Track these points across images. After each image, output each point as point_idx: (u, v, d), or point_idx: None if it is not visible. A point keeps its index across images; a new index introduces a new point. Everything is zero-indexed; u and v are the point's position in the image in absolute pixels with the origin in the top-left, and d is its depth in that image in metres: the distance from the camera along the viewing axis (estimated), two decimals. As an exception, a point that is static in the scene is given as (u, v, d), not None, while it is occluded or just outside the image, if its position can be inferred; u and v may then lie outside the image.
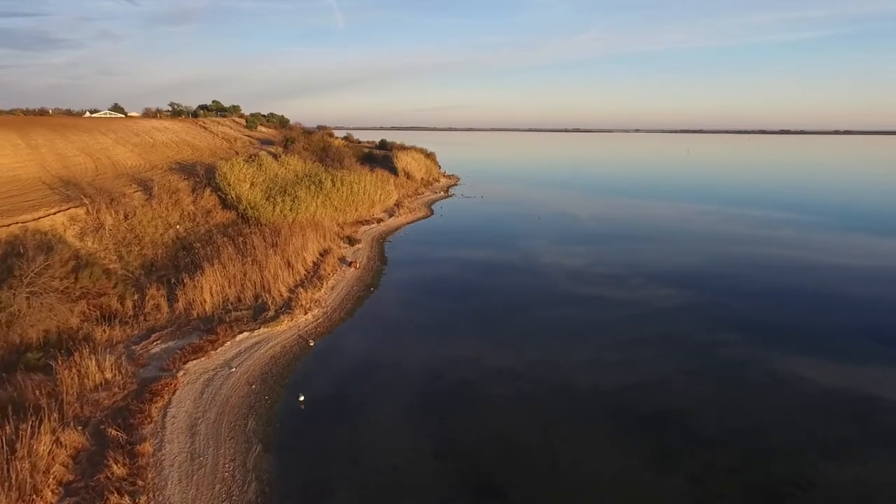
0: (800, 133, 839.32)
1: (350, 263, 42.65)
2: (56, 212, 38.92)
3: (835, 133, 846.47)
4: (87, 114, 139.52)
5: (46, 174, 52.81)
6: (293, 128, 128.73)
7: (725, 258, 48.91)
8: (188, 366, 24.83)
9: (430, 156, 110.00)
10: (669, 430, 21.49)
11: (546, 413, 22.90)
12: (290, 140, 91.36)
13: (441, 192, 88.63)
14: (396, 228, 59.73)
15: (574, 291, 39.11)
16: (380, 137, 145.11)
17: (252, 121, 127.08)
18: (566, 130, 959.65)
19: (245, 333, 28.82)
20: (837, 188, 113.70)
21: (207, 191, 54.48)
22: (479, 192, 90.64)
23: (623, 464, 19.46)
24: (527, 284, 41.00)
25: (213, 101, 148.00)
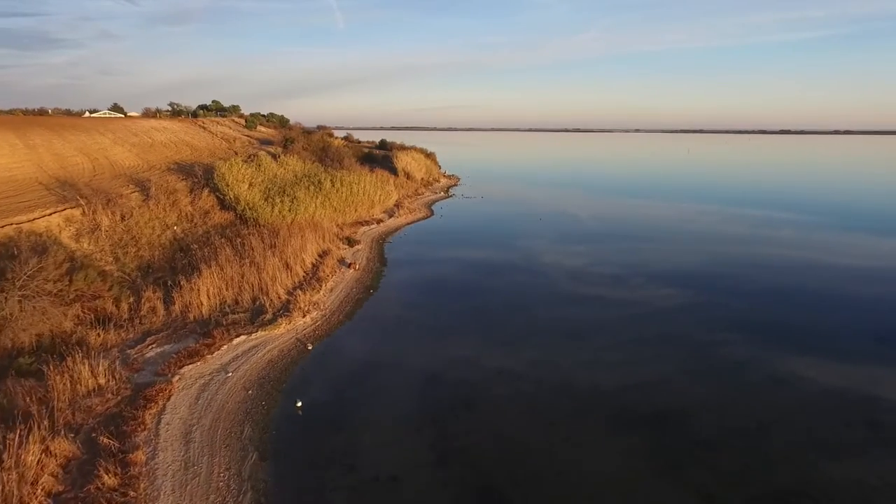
0: (800, 133, 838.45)
1: (349, 265, 42.17)
2: (51, 213, 38.43)
3: (835, 133, 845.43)
4: (87, 114, 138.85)
5: (43, 174, 52.30)
6: (293, 128, 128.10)
7: (725, 258, 48.69)
8: (184, 370, 24.34)
9: (431, 156, 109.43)
10: (670, 431, 21.39)
11: (547, 416, 22.51)
12: (290, 140, 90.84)
13: (441, 193, 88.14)
14: (396, 229, 59.24)
15: (576, 292, 38.65)
16: (380, 137, 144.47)
17: (251, 121, 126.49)
18: (566, 130, 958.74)
19: (242, 337, 28.33)
20: (837, 188, 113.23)
21: (206, 191, 53.99)
22: (480, 193, 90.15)
23: (624, 465, 19.31)
24: (528, 285, 40.50)
25: (213, 101, 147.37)
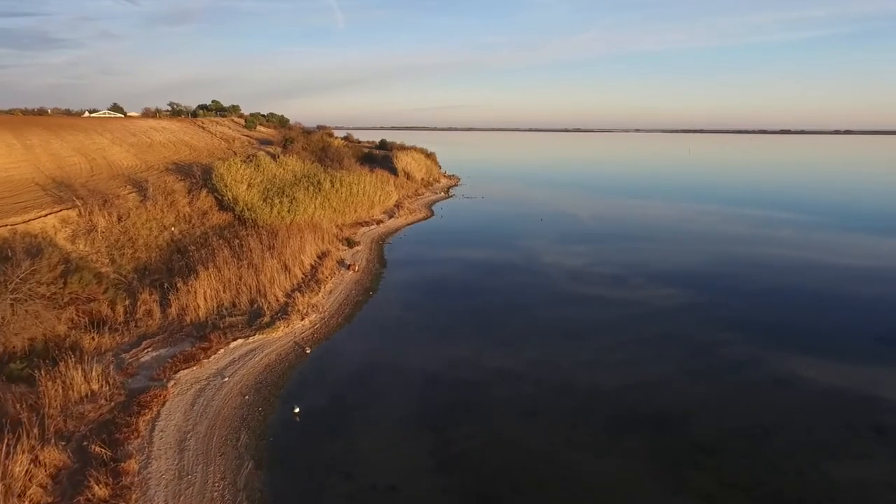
0: (800, 133, 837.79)
1: (349, 266, 41.70)
2: (47, 214, 37.96)
3: (835, 133, 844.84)
4: (87, 114, 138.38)
5: (40, 175, 51.81)
6: (293, 128, 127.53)
7: (725, 258, 48.52)
8: (179, 375, 23.87)
9: (431, 156, 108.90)
10: (670, 431, 21.29)
11: (549, 419, 22.21)
12: (289, 140, 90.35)
13: (441, 193, 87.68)
14: (396, 230, 58.78)
15: (576, 292, 38.23)
16: (380, 137, 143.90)
17: (251, 121, 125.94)
18: (566, 130, 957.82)
19: (239, 340, 27.86)
20: (838, 188, 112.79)
21: (204, 192, 53.51)
22: (480, 193, 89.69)
23: (625, 467, 19.21)
24: (529, 286, 40.04)
25: (213, 101, 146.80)
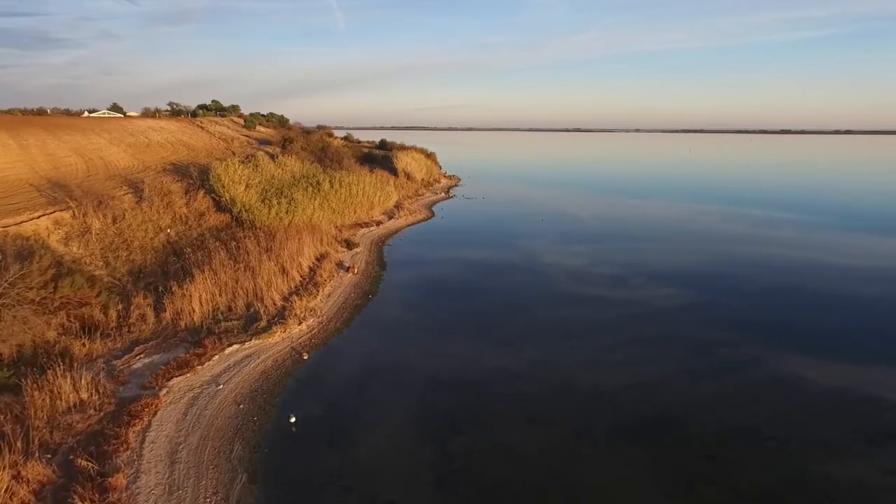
0: (800, 133, 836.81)
1: (348, 268, 40.99)
2: (40, 215, 37.25)
3: (835, 133, 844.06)
4: (86, 113, 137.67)
5: (35, 175, 51.09)
6: (292, 128, 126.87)
7: (725, 258, 48.21)
8: (172, 383, 23.15)
9: (431, 156, 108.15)
10: (670, 431, 21.14)
11: (553, 428, 21.65)
12: (289, 140, 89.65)
13: (442, 193, 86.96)
14: (396, 231, 58.05)
15: (579, 292, 37.52)
16: (380, 137, 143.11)
17: (251, 120, 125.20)
18: (566, 130, 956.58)
19: (235, 346, 27.14)
20: (838, 188, 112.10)
21: (201, 193, 52.80)
22: (481, 193, 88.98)
23: (625, 468, 18.97)
24: (532, 288, 39.29)
25: (213, 101, 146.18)
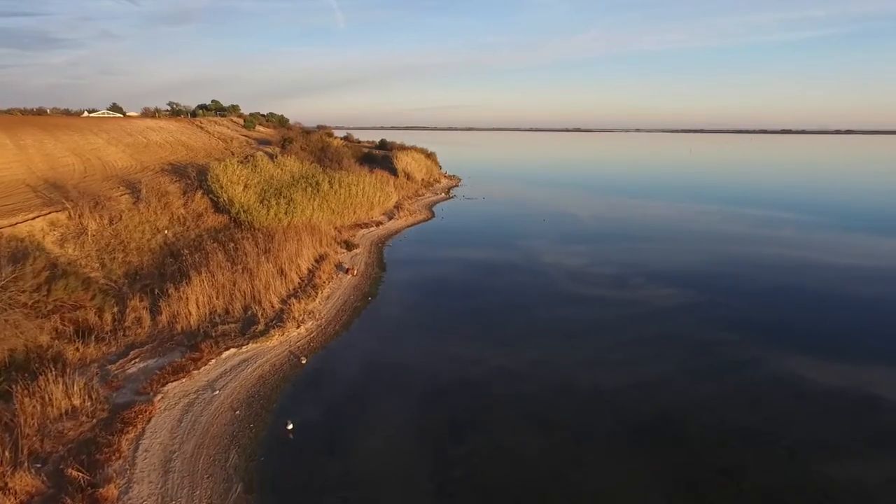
0: (801, 133, 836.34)
1: (347, 270, 40.50)
2: (35, 217, 36.74)
3: (836, 133, 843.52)
4: (86, 113, 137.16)
5: (31, 176, 50.59)
6: (292, 127, 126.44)
7: (725, 258, 47.94)
8: (167, 388, 22.66)
9: (431, 156, 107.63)
10: (670, 431, 20.98)
11: (554, 428, 21.40)
12: (288, 140, 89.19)
13: (442, 194, 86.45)
14: (396, 232, 57.55)
15: (579, 292, 37.09)
16: (380, 137, 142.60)
17: (250, 121, 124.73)
18: (566, 130, 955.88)
19: (232, 350, 26.65)
20: (838, 188, 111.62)
21: (199, 193, 52.31)
22: (481, 193, 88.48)
23: (627, 472, 18.73)
24: (532, 288, 38.80)
25: (213, 101, 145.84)
